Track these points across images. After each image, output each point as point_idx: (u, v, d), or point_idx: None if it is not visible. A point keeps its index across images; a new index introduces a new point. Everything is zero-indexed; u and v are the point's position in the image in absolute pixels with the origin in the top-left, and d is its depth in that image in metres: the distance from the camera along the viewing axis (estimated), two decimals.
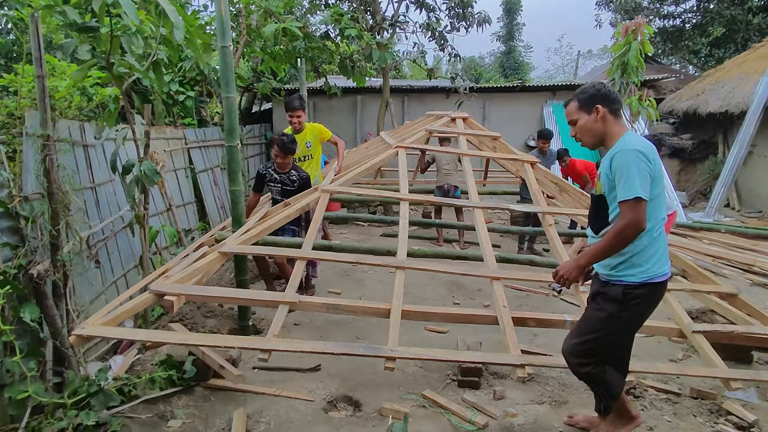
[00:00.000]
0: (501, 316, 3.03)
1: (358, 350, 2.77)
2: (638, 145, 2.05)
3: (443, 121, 5.47)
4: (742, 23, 15.22)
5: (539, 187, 4.57)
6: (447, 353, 2.90)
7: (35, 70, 2.41)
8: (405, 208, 4.03)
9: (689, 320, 3.16)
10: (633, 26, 6.31)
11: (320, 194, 3.93)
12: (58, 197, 2.59)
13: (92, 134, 3.95)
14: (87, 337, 2.52)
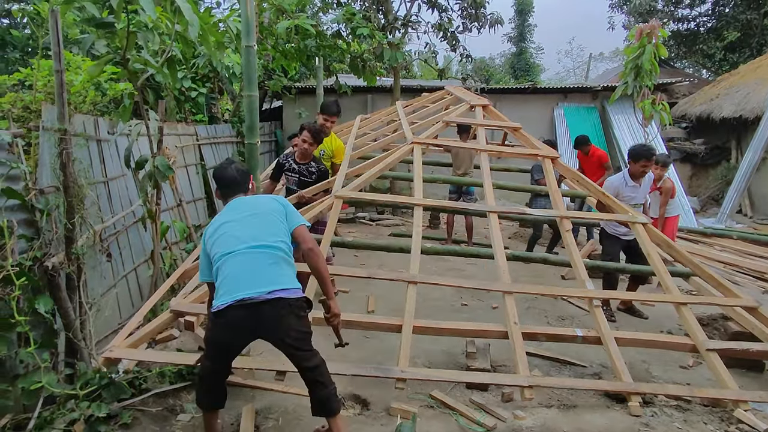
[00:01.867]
0: (511, 333, 3.02)
1: (369, 372, 2.79)
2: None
3: (462, 109, 5.23)
4: (757, 28, 15.01)
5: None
6: (457, 374, 2.95)
7: (54, 65, 2.44)
8: (419, 215, 3.92)
9: (704, 337, 3.14)
10: (648, 29, 6.25)
11: (333, 200, 3.86)
12: (74, 191, 2.61)
13: (105, 129, 3.98)
14: (115, 359, 2.74)
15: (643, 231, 3.90)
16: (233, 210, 2.35)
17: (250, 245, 2.16)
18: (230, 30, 3.66)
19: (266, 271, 2.12)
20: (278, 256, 2.18)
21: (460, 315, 4.24)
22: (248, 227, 2.23)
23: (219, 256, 2.16)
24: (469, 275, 5.46)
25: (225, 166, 2.51)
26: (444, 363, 3.29)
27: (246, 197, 2.45)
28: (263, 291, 2.06)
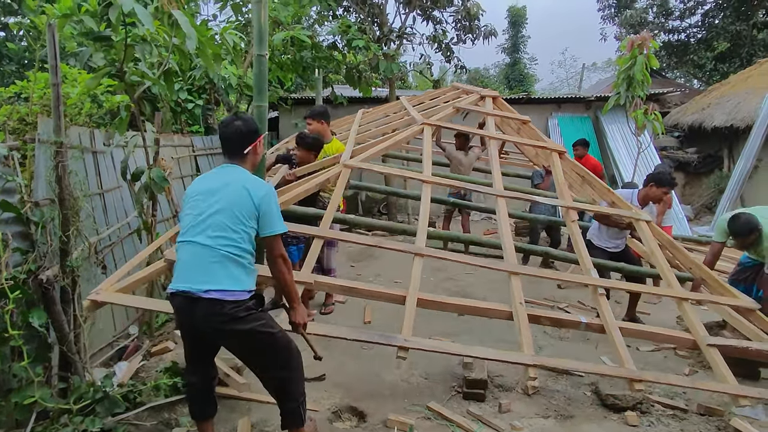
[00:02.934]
0: (516, 313, 2.97)
1: (372, 338, 2.72)
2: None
3: (472, 98, 5.25)
4: (747, 38, 15.26)
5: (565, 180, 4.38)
6: (460, 348, 2.89)
7: (51, 78, 2.45)
8: (427, 192, 3.87)
9: (705, 333, 3.11)
10: (639, 40, 6.35)
11: (341, 168, 3.80)
12: (69, 203, 2.61)
13: (101, 141, 3.99)
14: (101, 303, 2.55)
15: (647, 228, 3.89)
16: (210, 182, 2.19)
17: (198, 239, 2.07)
18: (227, 42, 3.69)
19: (208, 267, 2.03)
20: (222, 255, 2.05)
21: (458, 324, 4.24)
22: (207, 217, 2.09)
23: (179, 238, 2.17)
24: (468, 284, 5.47)
25: (230, 120, 2.27)
26: (441, 373, 3.29)
27: (233, 173, 2.20)
28: (199, 288, 2.01)
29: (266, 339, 2.12)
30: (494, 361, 2.88)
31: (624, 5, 17.08)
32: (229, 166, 2.25)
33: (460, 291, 5.22)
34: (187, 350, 2.25)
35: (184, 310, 2.06)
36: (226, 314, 2.00)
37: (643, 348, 3.90)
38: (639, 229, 3.95)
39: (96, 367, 3.21)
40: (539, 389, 3.09)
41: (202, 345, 2.22)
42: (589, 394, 3.10)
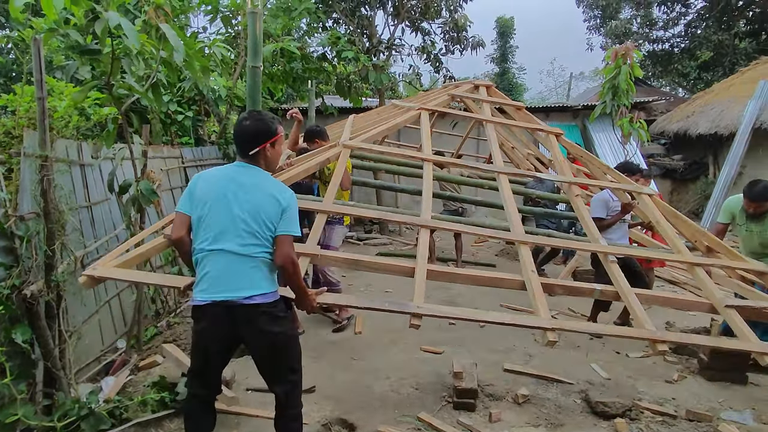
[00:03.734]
0: (529, 281, 2.92)
1: (383, 305, 2.66)
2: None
3: (466, 87, 5.30)
4: (729, 48, 15.62)
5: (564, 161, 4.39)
6: (476, 313, 2.77)
7: (36, 92, 2.45)
8: (428, 170, 3.84)
9: (721, 295, 3.05)
10: (622, 50, 6.48)
11: (341, 149, 3.77)
12: (54, 217, 2.59)
13: (89, 153, 3.97)
14: (98, 278, 2.40)
15: (650, 201, 3.91)
16: (227, 183, 2.05)
17: (229, 247, 2.01)
18: (215, 55, 3.71)
19: (246, 274, 2.02)
20: (259, 261, 2.04)
21: (448, 334, 4.25)
22: (235, 223, 2.01)
23: (199, 248, 2.05)
24: (458, 294, 5.48)
25: (241, 118, 2.17)
26: (431, 383, 3.28)
27: (254, 174, 2.09)
28: (241, 296, 1.99)
29: (292, 341, 2.19)
30: (511, 325, 2.78)
31: (609, 16, 17.43)
32: (245, 166, 2.12)
33: (450, 299, 5.23)
34: (203, 361, 2.15)
35: (221, 318, 2.02)
36: (270, 314, 2.05)
37: (633, 354, 3.92)
38: (642, 202, 3.94)
39: (82, 382, 3.16)
40: (529, 398, 3.09)
41: (224, 354, 2.17)
42: (579, 402, 3.11)
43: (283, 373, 2.18)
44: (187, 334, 4.05)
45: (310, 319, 4.34)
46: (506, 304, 5.05)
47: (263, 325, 2.04)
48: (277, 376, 2.19)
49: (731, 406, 3.11)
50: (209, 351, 2.12)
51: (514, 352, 3.86)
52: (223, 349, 2.15)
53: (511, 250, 7.67)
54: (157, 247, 2.71)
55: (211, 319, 2.04)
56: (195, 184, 2.12)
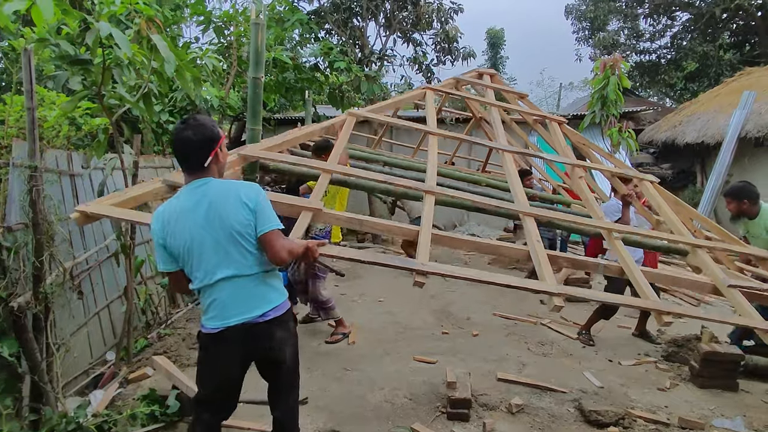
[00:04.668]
0: (535, 250, 2.87)
1: (389, 261, 2.59)
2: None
3: (471, 73, 5.36)
4: (714, 59, 15.95)
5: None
6: (481, 274, 2.66)
7: (26, 102, 2.43)
8: (434, 142, 3.84)
9: (724, 276, 3.03)
10: (610, 62, 6.60)
11: (347, 116, 3.79)
12: (43, 228, 2.56)
13: (80, 163, 3.94)
14: (91, 215, 2.25)
15: (652, 188, 3.92)
16: (192, 219, 1.89)
17: (227, 274, 1.93)
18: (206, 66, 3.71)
19: (254, 292, 1.98)
20: (260, 277, 2.00)
21: (441, 343, 4.23)
22: (218, 249, 1.91)
23: (198, 287, 1.98)
24: (451, 301, 5.48)
25: (179, 129, 1.92)
26: (425, 393, 3.26)
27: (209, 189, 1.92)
28: (256, 315, 1.97)
29: (297, 352, 2.19)
30: (517, 288, 2.71)
31: (597, 28, 17.75)
32: (198, 186, 1.93)
33: (442, 308, 5.23)
34: (213, 388, 2.06)
35: (238, 341, 1.97)
36: (284, 325, 2.06)
37: (625, 362, 3.94)
38: (644, 189, 3.96)
39: (70, 396, 3.11)
40: (523, 407, 3.08)
41: (237, 379, 2.10)
42: (572, 411, 3.10)
43: (291, 388, 2.17)
44: (177, 345, 4.00)
45: (303, 331, 4.31)
46: (499, 313, 5.06)
47: (280, 336, 2.04)
48: (285, 389, 2.17)
49: (723, 413, 3.12)
50: (223, 377, 2.05)
51: (507, 361, 3.86)
52: (238, 372, 2.08)
53: (504, 259, 7.70)
54: (154, 191, 2.59)
55: (228, 344, 1.98)
56: (161, 237, 1.94)
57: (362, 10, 10.48)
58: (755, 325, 2.70)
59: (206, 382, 2.07)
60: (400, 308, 5.21)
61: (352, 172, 3.32)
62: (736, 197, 3.66)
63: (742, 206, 3.63)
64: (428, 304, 5.38)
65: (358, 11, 10.58)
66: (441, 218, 10.68)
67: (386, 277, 6.60)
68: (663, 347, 4.19)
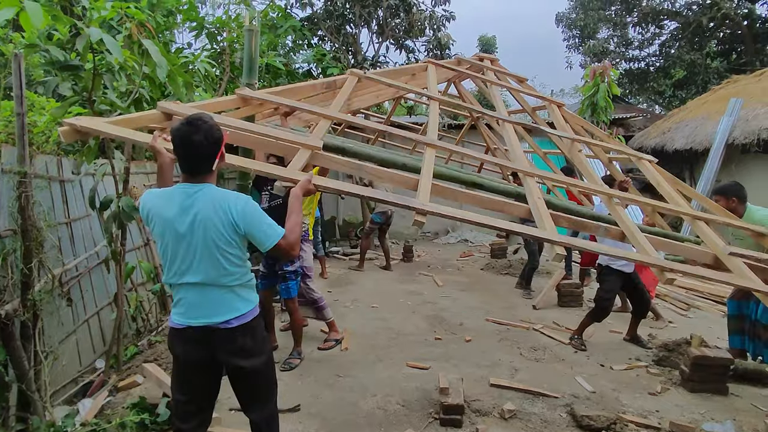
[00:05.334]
0: (536, 207, 2.84)
1: (386, 197, 2.51)
2: None
3: (472, 59, 5.49)
4: (701, 67, 16.22)
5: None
6: (482, 218, 2.59)
7: (15, 108, 2.41)
8: (435, 107, 3.83)
9: (723, 245, 3.00)
10: (600, 69, 6.69)
11: (349, 74, 3.78)
12: (32, 235, 2.54)
13: (70, 169, 3.90)
14: (80, 129, 2.12)
15: (651, 167, 3.94)
16: (182, 213, 1.88)
17: (196, 279, 1.92)
18: (199, 72, 3.71)
19: (219, 299, 1.96)
20: (228, 287, 1.97)
21: (434, 349, 4.23)
22: (195, 255, 1.90)
23: (169, 280, 2.00)
24: (443, 307, 5.48)
25: (185, 133, 1.83)
26: (418, 399, 3.25)
27: (202, 195, 1.88)
28: (217, 321, 1.94)
29: (270, 362, 2.13)
30: (518, 234, 2.67)
31: (587, 36, 17.99)
32: (195, 188, 1.90)
33: (436, 314, 5.23)
34: (184, 390, 2.05)
35: (201, 340, 1.96)
36: (248, 334, 2.00)
37: (616, 367, 3.96)
38: (643, 168, 3.98)
39: (58, 405, 3.06)
40: (515, 412, 3.09)
41: (206, 381, 2.06)
42: (564, 416, 3.11)
43: (262, 397, 2.12)
44: (167, 353, 3.96)
45: None
46: (491, 318, 5.07)
47: (243, 343, 1.99)
48: (255, 399, 2.12)
49: (713, 417, 3.15)
50: (191, 377, 2.04)
51: (499, 367, 3.86)
52: (205, 374, 2.04)
53: (497, 264, 7.73)
54: (149, 118, 2.51)
55: (190, 342, 1.98)
56: (147, 217, 1.96)
57: (355, 17, 10.55)
58: (760, 288, 2.63)
59: (176, 383, 2.07)
60: (392, 314, 5.20)
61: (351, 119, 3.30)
62: (725, 194, 3.70)
63: (731, 204, 3.66)
64: (421, 310, 5.38)
65: (351, 18, 10.64)
66: (434, 224, 10.72)
67: (379, 283, 6.60)
68: (654, 352, 4.22)
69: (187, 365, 2.02)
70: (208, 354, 1.98)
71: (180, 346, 2.01)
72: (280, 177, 2.30)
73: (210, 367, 2.03)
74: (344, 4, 10.46)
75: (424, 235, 10.66)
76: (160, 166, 2.13)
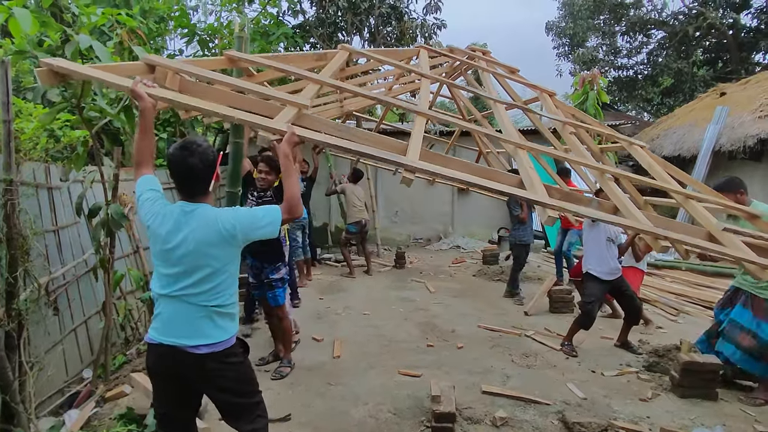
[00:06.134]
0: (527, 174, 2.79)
1: (375, 153, 2.43)
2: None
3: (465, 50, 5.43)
4: (688, 75, 16.49)
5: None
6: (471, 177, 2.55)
7: (2, 115, 2.39)
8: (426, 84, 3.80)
9: (716, 221, 2.97)
10: (589, 77, 6.77)
11: (340, 50, 3.72)
12: (18, 243, 2.50)
13: (58, 176, 3.86)
14: (57, 70, 2.03)
15: (642, 152, 3.90)
16: (176, 225, 1.92)
17: (179, 294, 1.93)
18: None
19: (194, 323, 1.93)
20: (208, 310, 1.95)
21: (426, 356, 4.22)
22: (184, 271, 1.92)
23: (154, 290, 1.99)
24: (436, 314, 5.48)
25: (181, 157, 1.89)
26: (410, 407, 3.24)
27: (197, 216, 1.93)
28: (187, 344, 1.91)
29: (247, 385, 2.07)
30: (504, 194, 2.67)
31: (576, 44, 18.22)
32: (191, 206, 1.95)
33: (428, 321, 5.22)
34: (164, 404, 2.04)
35: (169, 359, 1.94)
36: (218, 361, 1.95)
37: (608, 373, 3.97)
38: (634, 152, 3.96)
39: (43, 416, 3.00)
40: (507, 420, 3.08)
41: (182, 398, 2.04)
42: (556, 423, 3.11)
43: (244, 416, 2.05)
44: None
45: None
46: (483, 325, 5.08)
47: (212, 367, 1.94)
48: (237, 418, 2.06)
49: (703, 423, 3.16)
50: (166, 391, 2.02)
51: (491, 373, 3.86)
52: (181, 389, 2.01)
53: (489, 270, 7.75)
54: (131, 67, 2.44)
55: (161, 359, 1.96)
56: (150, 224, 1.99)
57: (347, 25, 10.60)
58: (747, 258, 2.60)
59: (155, 396, 2.08)
60: (384, 321, 5.19)
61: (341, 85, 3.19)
62: (732, 189, 3.64)
63: (738, 197, 3.62)
64: (413, 317, 5.37)
65: (343, 26, 10.70)
66: (426, 230, 10.74)
67: (371, 290, 6.58)
68: (644, 357, 4.24)
69: (160, 379, 2.01)
70: (178, 372, 1.95)
71: (152, 360, 1.99)
72: (263, 127, 2.20)
73: (180, 382, 2.00)
74: (336, 11, 10.51)
75: (417, 241, 10.67)
76: (141, 111, 2.05)
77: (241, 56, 3.08)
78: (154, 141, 2.17)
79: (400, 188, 10.41)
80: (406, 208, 10.66)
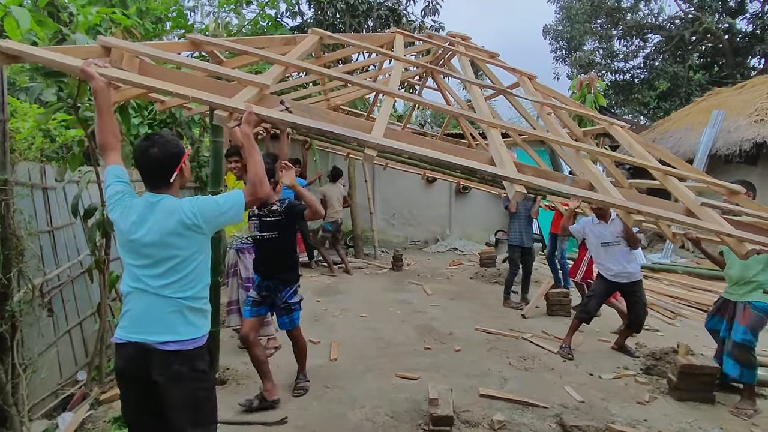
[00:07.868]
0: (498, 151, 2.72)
1: (339, 130, 2.34)
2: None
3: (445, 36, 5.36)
4: (684, 79, 16.59)
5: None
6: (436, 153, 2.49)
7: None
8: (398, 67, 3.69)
9: (695, 196, 2.92)
10: (586, 80, 6.79)
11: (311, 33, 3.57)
12: (12, 243, 2.47)
13: (53, 176, 3.83)
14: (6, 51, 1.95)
15: (621, 131, 3.82)
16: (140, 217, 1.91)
17: (149, 287, 1.90)
18: None
19: (164, 318, 1.90)
20: (179, 304, 1.92)
21: (424, 359, 4.20)
22: (153, 262, 1.90)
23: (124, 284, 1.96)
24: (433, 317, 5.46)
25: (144, 147, 1.95)
26: (407, 411, 3.22)
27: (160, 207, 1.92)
28: (156, 340, 1.87)
29: (207, 393, 2.00)
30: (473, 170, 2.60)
31: (573, 48, 18.31)
32: (155, 197, 1.95)
33: (426, 324, 5.21)
34: (129, 410, 1.98)
35: (137, 359, 1.89)
36: (185, 361, 1.90)
37: (605, 376, 3.96)
38: (615, 132, 3.86)
39: (36, 419, 2.97)
40: (505, 423, 3.07)
41: (147, 405, 1.95)
42: (553, 426, 3.10)
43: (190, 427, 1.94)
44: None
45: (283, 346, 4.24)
46: (481, 328, 5.07)
47: (177, 370, 1.89)
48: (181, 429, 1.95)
49: (700, 426, 3.16)
50: (134, 396, 1.95)
51: (489, 376, 3.85)
52: (144, 393, 1.93)
53: (486, 273, 7.75)
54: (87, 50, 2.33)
55: (128, 359, 1.91)
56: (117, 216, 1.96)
57: (345, 27, 10.60)
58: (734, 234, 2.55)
59: (122, 402, 2.00)
60: (382, 324, 5.17)
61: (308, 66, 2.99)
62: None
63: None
64: (410, 319, 5.36)
65: (341, 28, 10.70)
66: (423, 232, 10.73)
67: (368, 292, 6.56)
68: (642, 361, 4.24)
69: (126, 382, 1.95)
70: (144, 372, 1.88)
71: (119, 363, 1.93)
72: (220, 106, 2.13)
73: (147, 386, 1.91)
74: (334, 14, 10.52)
75: (414, 244, 10.67)
76: (94, 92, 2.01)
77: (203, 39, 2.99)
78: (114, 122, 2.12)
79: (398, 190, 10.44)
80: (403, 210, 10.66)
